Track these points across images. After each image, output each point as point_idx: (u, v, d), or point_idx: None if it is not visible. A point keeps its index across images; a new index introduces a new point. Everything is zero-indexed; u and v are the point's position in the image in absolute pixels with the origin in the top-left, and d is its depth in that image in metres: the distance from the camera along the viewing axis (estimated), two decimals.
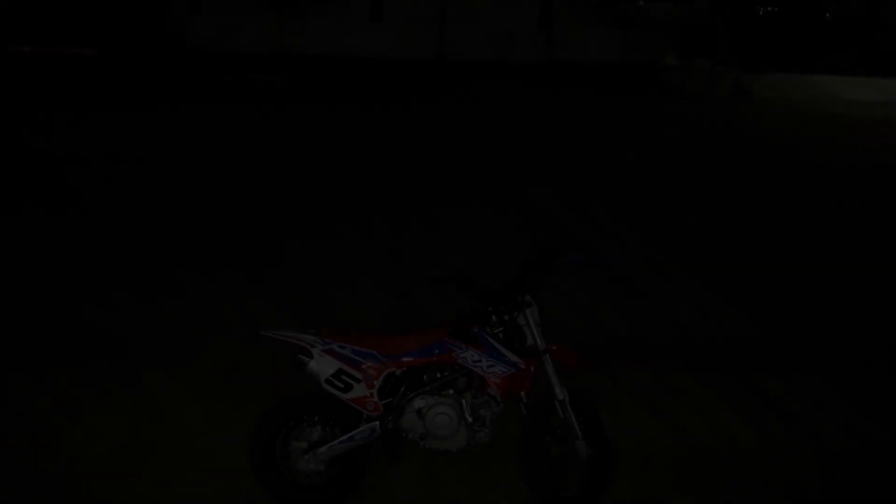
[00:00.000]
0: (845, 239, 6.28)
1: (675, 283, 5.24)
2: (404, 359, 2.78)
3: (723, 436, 3.49)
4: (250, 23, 12.63)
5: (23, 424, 3.40)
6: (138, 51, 12.33)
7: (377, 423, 2.80)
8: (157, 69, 11.52)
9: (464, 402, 2.81)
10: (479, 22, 13.03)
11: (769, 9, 15.03)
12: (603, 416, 3.00)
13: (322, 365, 2.73)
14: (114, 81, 11.07)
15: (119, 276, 4.87)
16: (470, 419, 2.80)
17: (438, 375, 2.83)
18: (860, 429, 3.59)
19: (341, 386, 2.74)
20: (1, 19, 12.31)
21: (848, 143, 9.48)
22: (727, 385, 4.02)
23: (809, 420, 3.75)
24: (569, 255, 2.90)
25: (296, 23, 12.59)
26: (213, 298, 4.66)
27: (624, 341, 4.47)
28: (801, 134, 9.86)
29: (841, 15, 15.36)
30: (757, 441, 3.46)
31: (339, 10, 12.60)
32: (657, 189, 7.27)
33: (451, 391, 2.82)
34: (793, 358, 4.39)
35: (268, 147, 7.95)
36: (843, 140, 9.63)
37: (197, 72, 11.65)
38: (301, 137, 8.39)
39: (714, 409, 3.80)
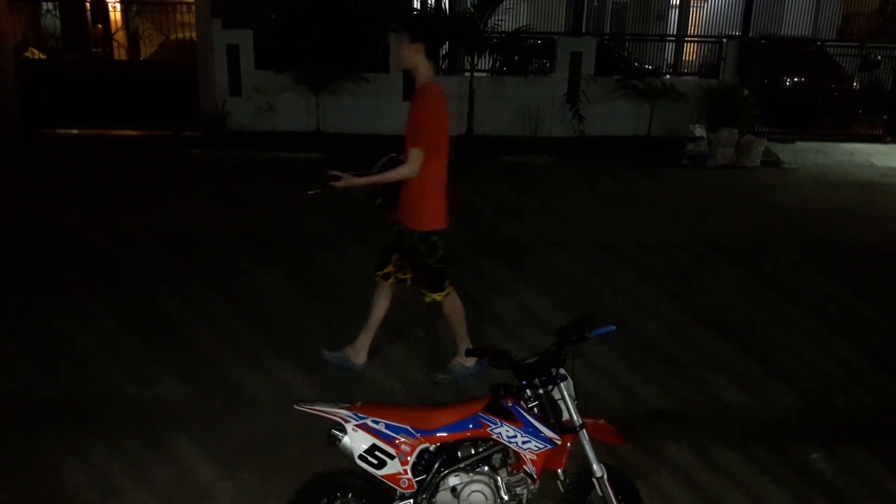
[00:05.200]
0: (887, 308, 6.15)
1: (713, 353, 5.15)
2: (438, 434, 2.77)
3: None
4: (288, 104, 13.08)
5: (57, 501, 3.43)
6: (180, 131, 12.79)
7: (411, 500, 2.76)
8: (196, 146, 11.91)
9: (499, 479, 2.76)
10: (507, 98, 13.33)
11: (796, 79, 15.14)
12: (641, 492, 2.92)
13: (356, 440, 2.73)
14: (154, 159, 11.48)
15: (158, 344, 4.95)
16: (505, 497, 2.75)
17: (473, 451, 2.80)
18: None
19: (375, 462, 2.72)
20: (50, 103, 12.90)
21: (889, 212, 9.37)
22: (769, 459, 3.91)
23: (854, 495, 3.62)
24: (602, 328, 2.89)
25: (332, 103, 13.01)
26: (244, 369, 4.69)
27: (661, 414, 4.39)
28: (834, 202, 9.78)
29: (869, 82, 15.41)
30: None
31: (373, 92, 13.02)
32: (692, 259, 7.22)
33: (486, 468, 2.78)
34: (837, 430, 4.26)
35: (298, 218, 8.12)
36: (880, 208, 9.53)
37: (235, 149, 12.03)
38: (335, 210, 8.56)
39: (755, 484, 3.70)
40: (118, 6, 17.53)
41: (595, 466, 2.79)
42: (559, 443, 2.75)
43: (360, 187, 4.23)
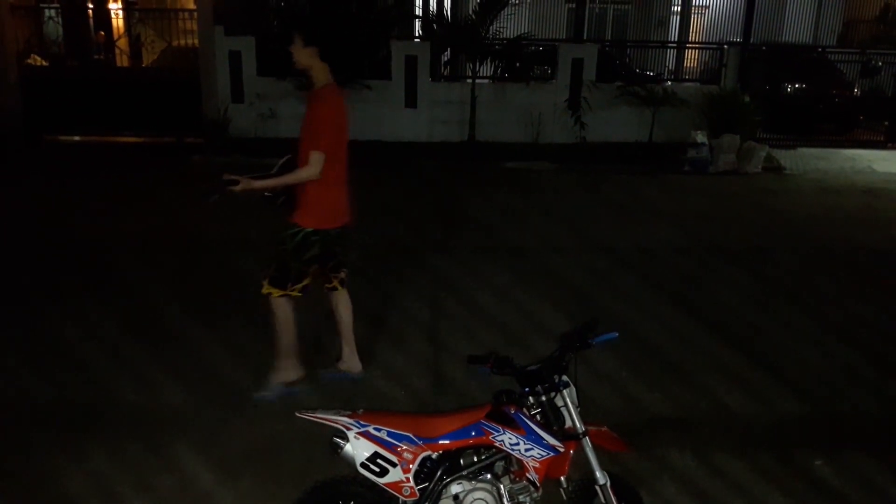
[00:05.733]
0: (890, 314, 6.14)
1: (716, 359, 5.14)
2: (440, 442, 2.75)
3: None
4: (290, 110, 13.09)
5: None
6: (182, 138, 12.80)
7: None
8: (198, 152, 11.92)
9: (502, 486, 2.75)
10: (509, 104, 13.34)
11: (797, 85, 15.14)
12: (645, 500, 2.91)
13: (358, 448, 2.72)
14: (156, 166, 11.49)
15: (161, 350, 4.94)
16: None
17: (475, 459, 2.79)
18: None
19: (377, 470, 2.71)
20: (52, 110, 12.91)
21: (891, 217, 9.35)
22: (772, 465, 3.90)
23: (858, 502, 3.60)
24: (605, 334, 2.88)
25: None
26: (246, 376, 4.68)
27: (665, 421, 4.38)
28: (835, 208, 9.77)
29: (870, 89, 15.42)
30: None
31: (375, 99, 13.04)
32: (694, 264, 7.22)
33: (489, 476, 2.77)
34: (841, 436, 4.25)
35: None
36: (882, 214, 9.51)
37: (237, 155, 12.04)
38: None
39: (760, 491, 3.68)
40: (120, 13, 17.61)
41: (598, 474, 2.78)
42: (562, 450, 2.74)
43: (261, 190, 4.19)
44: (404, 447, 2.73)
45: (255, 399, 4.40)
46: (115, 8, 18.74)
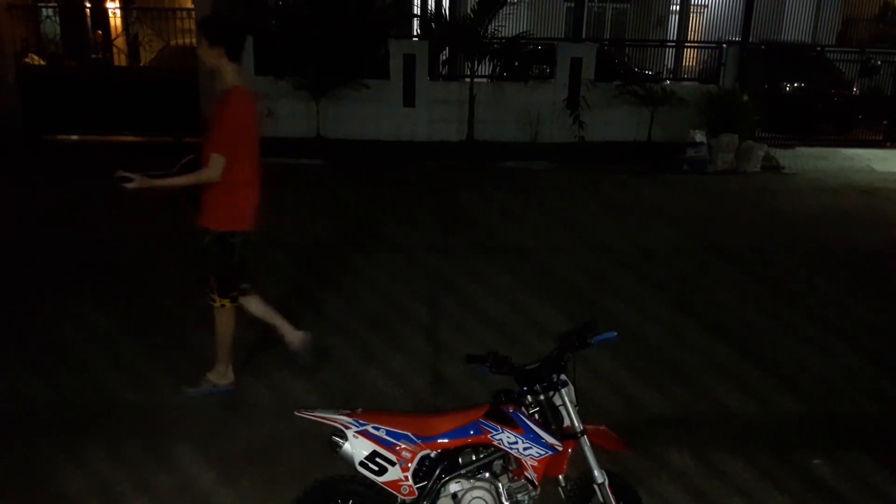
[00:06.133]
0: (889, 313, 6.14)
1: (715, 359, 5.15)
2: (439, 440, 2.76)
3: None
4: (288, 109, 13.09)
5: None
6: (180, 137, 12.78)
7: None
8: (196, 152, 11.87)
9: (500, 485, 2.76)
10: (507, 104, 13.34)
11: (796, 84, 15.15)
12: (643, 499, 2.91)
13: (356, 447, 2.72)
14: (154, 165, 11.42)
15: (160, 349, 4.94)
16: (507, 503, 2.74)
17: (474, 458, 2.79)
18: None
19: (376, 469, 2.72)
20: (50, 109, 12.89)
21: (890, 217, 9.36)
22: (771, 464, 3.90)
23: (857, 501, 3.61)
24: (604, 334, 2.88)
25: (332, 109, 13.02)
26: (244, 375, 4.68)
27: (663, 420, 4.38)
28: (834, 207, 9.77)
29: (869, 88, 15.43)
30: None
31: (374, 98, 13.03)
32: (692, 264, 7.22)
33: (487, 474, 2.78)
34: (839, 436, 4.25)
35: (307, 222, 8.13)
36: (881, 213, 9.52)
37: None
38: (337, 214, 8.57)
39: (758, 491, 3.69)
40: (118, 12, 17.59)
41: (596, 472, 2.78)
42: (560, 449, 2.74)
43: (159, 189, 4.14)
44: (403, 446, 2.73)
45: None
46: (113, 7, 18.71)
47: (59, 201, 9.00)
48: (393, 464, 2.72)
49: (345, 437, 2.73)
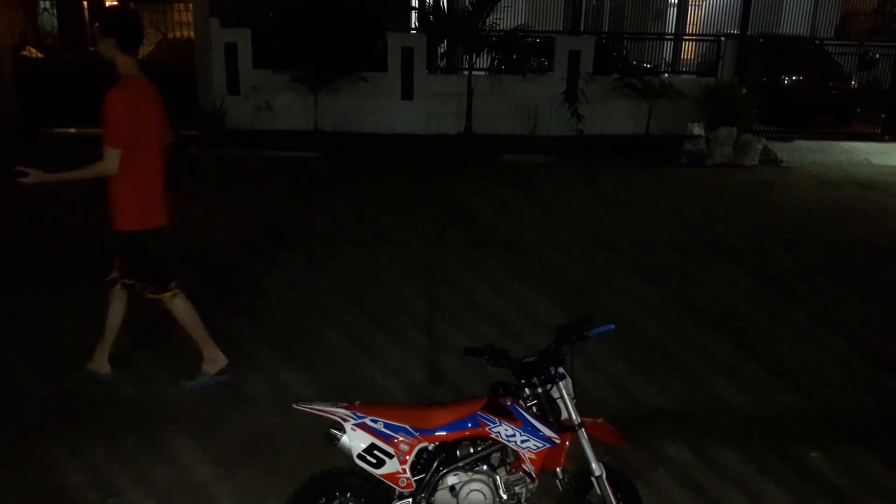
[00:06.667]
0: (886, 307, 6.16)
1: (712, 352, 5.16)
2: (437, 433, 2.77)
3: None
4: (286, 102, 13.07)
5: (55, 501, 3.43)
6: (178, 130, 12.73)
7: (410, 500, 2.76)
8: (194, 145, 11.87)
9: (498, 478, 2.76)
10: (506, 96, 13.32)
11: (794, 78, 15.13)
12: (640, 491, 2.92)
13: (354, 439, 2.73)
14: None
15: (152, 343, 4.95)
16: (504, 496, 2.75)
17: (472, 450, 2.80)
18: None
19: (374, 461, 2.72)
20: (48, 102, 12.81)
21: (887, 210, 9.37)
22: (768, 457, 3.91)
23: (853, 494, 3.63)
24: (601, 327, 2.89)
25: (330, 102, 13.00)
26: (242, 368, 4.69)
27: (660, 413, 4.39)
28: (832, 201, 9.77)
29: (867, 81, 15.42)
30: None
31: (371, 91, 13.01)
32: (690, 257, 7.23)
33: (485, 467, 2.78)
34: (836, 429, 4.27)
35: (302, 217, 8.12)
36: (879, 207, 9.53)
37: (233, 148, 12.01)
38: (335, 208, 8.56)
39: (754, 483, 3.70)
40: (116, 4, 17.49)
41: (594, 465, 2.79)
42: (558, 442, 2.75)
43: (59, 184, 4.09)
44: (401, 438, 2.74)
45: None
46: None
47: (55, 195, 8.96)
48: (391, 456, 2.72)
49: (343, 430, 2.73)
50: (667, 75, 14.39)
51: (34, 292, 5.86)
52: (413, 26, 15.36)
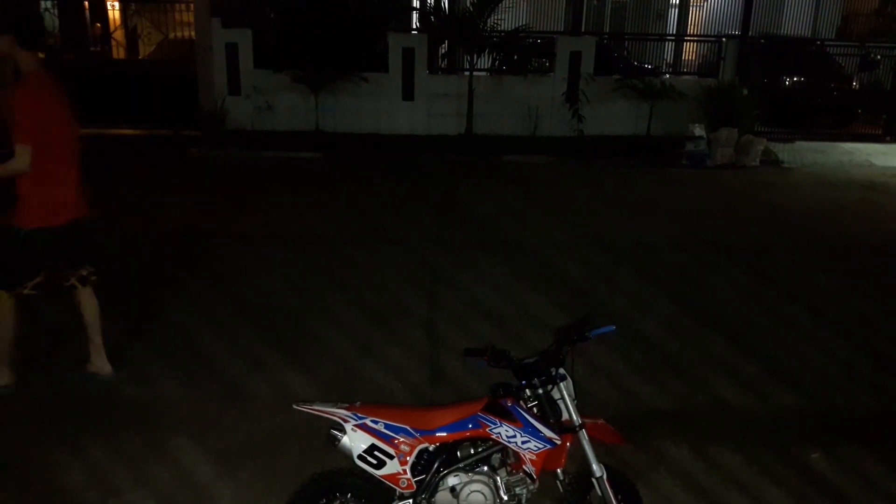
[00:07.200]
0: (887, 308, 6.15)
1: (713, 353, 5.15)
2: (437, 434, 2.77)
3: None
4: (287, 103, 13.08)
5: (56, 501, 3.43)
6: (178, 130, 12.76)
7: (410, 500, 2.76)
8: (195, 145, 11.89)
9: (498, 478, 2.76)
10: (507, 97, 13.32)
11: (795, 79, 15.13)
12: (641, 492, 2.92)
13: (355, 440, 2.73)
14: (152, 158, 11.46)
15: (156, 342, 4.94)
16: (505, 497, 2.75)
17: (472, 451, 2.80)
18: None
19: (374, 462, 2.72)
20: None
21: (889, 211, 9.36)
22: (768, 458, 3.91)
23: (854, 495, 3.62)
24: (602, 327, 2.89)
25: (331, 102, 13.00)
26: (242, 368, 4.68)
27: (661, 414, 4.39)
28: (833, 202, 9.76)
29: (868, 82, 15.41)
30: None
31: (372, 91, 13.02)
32: (691, 258, 7.22)
33: (486, 468, 2.78)
34: (837, 430, 4.26)
35: (301, 219, 8.12)
36: (880, 208, 9.52)
37: (234, 148, 12.01)
38: (336, 208, 8.56)
39: (755, 484, 3.70)
40: (117, 5, 17.51)
41: (594, 466, 2.79)
42: (558, 442, 2.75)
43: None
44: (401, 439, 2.74)
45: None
46: None
47: None
48: (391, 457, 2.72)
49: (343, 431, 2.73)
50: (668, 76, 14.40)
51: None
52: (414, 27, 15.37)
